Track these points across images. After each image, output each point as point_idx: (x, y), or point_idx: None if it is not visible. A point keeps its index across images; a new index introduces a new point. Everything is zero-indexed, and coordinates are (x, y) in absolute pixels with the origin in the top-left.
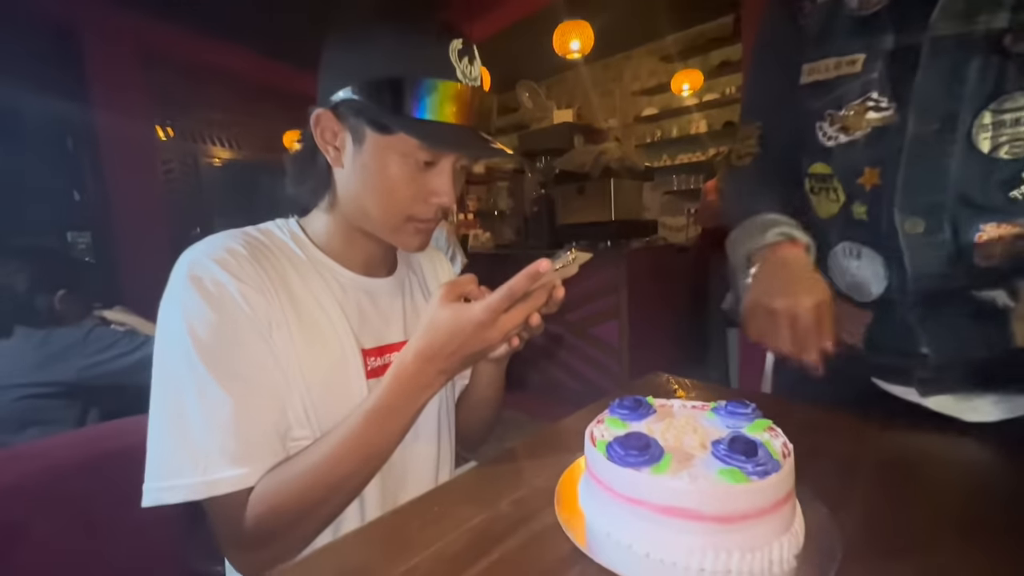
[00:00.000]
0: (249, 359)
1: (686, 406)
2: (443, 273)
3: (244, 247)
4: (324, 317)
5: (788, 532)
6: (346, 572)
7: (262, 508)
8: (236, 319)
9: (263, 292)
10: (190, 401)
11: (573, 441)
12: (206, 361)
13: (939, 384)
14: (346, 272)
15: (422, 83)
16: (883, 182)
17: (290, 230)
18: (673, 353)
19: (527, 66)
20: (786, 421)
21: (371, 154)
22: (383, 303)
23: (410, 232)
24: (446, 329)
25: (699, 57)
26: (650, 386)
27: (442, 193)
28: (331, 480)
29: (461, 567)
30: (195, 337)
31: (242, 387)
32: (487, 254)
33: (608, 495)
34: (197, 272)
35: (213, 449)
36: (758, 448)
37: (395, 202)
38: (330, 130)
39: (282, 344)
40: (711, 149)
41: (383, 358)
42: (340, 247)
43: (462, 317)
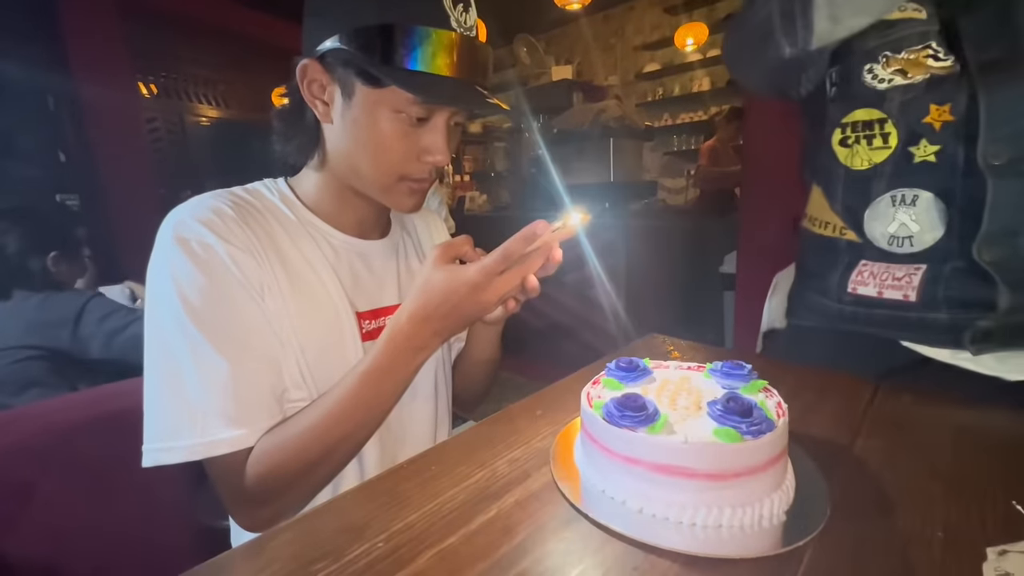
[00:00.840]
0: (241, 321)
1: (682, 367)
2: (438, 235)
3: (231, 208)
4: (316, 280)
5: (779, 489)
6: (346, 528)
7: (261, 467)
8: (226, 281)
9: (252, 254)
10: (184, 364)
11: (570, 402)
12: (198, 324)
13: (999, 337)
14: (338, 234)
15: (414, 32)
16: (955, 117)
17: (279, 190)
18: (670, 315)
19: (525, 19)
20: (781, 382)
21: (361, 108)
22: (377, 266)
23: (403, 192)
24: (440, 290)
25: (705, 9)
26: (646, 347)
27: (436, 151)
28: (329, 440)
29: (458, 524)
30: (185, 300)
31: (235, 349)
32: (484, 216)
33: (604, 455)
34: (183, 234)
35: (210, 410)
36: (753, 408)
37: (387, 160)
38: (317, 83)
39: (275, 306)
40: (713, 108)
41: (378, 321)
42: (331, 208)
43: (456, 278)
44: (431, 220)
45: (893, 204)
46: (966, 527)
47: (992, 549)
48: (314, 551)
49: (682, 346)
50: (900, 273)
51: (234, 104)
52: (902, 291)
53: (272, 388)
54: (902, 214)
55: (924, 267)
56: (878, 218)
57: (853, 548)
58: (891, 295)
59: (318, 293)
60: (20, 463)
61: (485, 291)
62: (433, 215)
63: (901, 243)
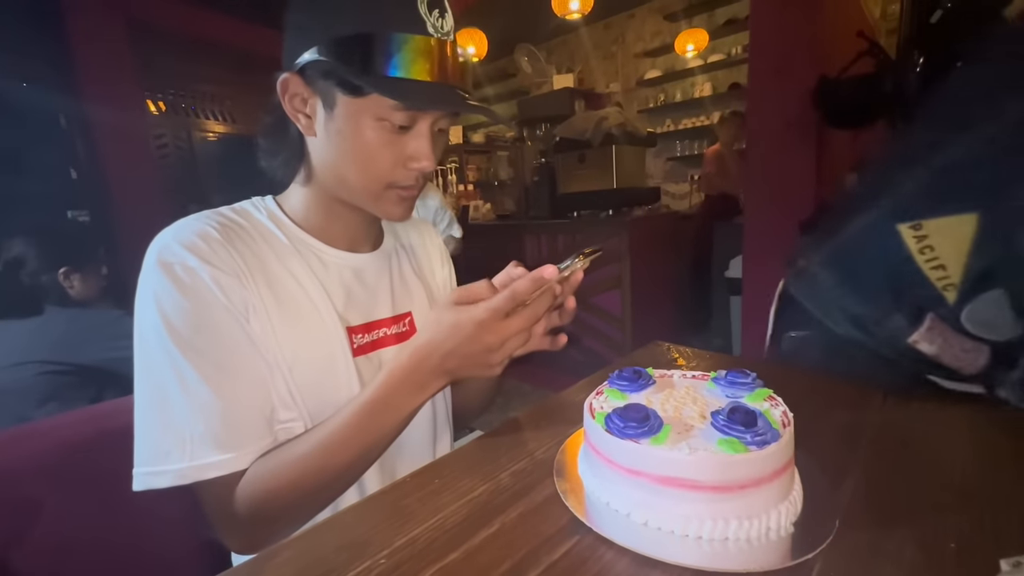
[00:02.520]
0: (225, 345)
1: (686, 376)
2: (432, 244)
3: (216, 230)
4: (304, 297)
5: (786, 500)
6: (347, 545)
7: (254, 492)
8: (210, 305)
9: (237, 276)
10: (171, 388)
11: (574, 412)
12: (182, 349)
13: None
14: (328, 249)
15: (391, 39)
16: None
17: (267, 208)
18: (676, 321)
19: (526, 29)
20: (787, 390)
21: (344, 119)
22: (369, 278)
23: (392, 200)
24: (446, 325)
25: (704, 15)
26: (651, 355)
27: (422, 157)
28: (324, 470)
29: (462, 538)
30: (169, 325)
31: (220, 373)
32: (488, 225)
33: (607, 466)
34: (167, 258)
35: (198, 435)
36: (757, 418)
37: (374, 169)
38: (299, 96)
39: (260, 328)
40: (715, 113)
41: (372, 334)
42: (320, 222)
43: (463, 315)
44: (425, 230)
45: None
46: (979, 538)
47: (1006, 561)
48: (315, 569)
49: (687, 353)
50: (968, 346)
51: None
52: (960, 364)
53: (260, 410)
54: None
55: (989, 349)
56: (987, 303)
57: (863, 560)
58: (948, 362)
59: (306, 310)
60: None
61: (490, 331)
62: (427, 224)
63: (983, 329)
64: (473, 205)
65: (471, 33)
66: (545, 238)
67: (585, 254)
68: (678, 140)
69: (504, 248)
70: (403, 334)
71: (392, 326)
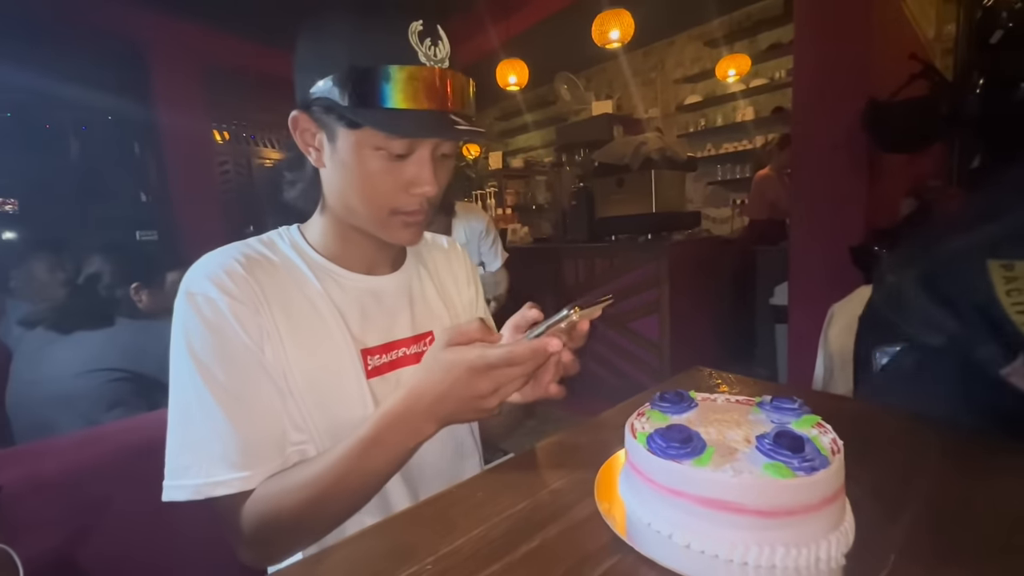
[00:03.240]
0: (240, 374)
1: (730, 400)
2: (458, 265)
3: (240, 262)
4: (319, 322)
5: (837, 530)
6: (395, 550)
7: (257, 513)
8: (227, 337)
9: (252, 305)
10: (193, 409)
11: (612, 435)
12: (202, 375)
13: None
14: (346, 273)
15: (381, 71)
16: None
17: (290, 238)
18: (717, 349)
19: (565, 57)
20: (838, 418)
21: (346, 150)
22: (388, 300)
23: (397, 226)
24: (439, 369)
25: (746, 40)
26: (692, 380)
27: (422, 183)
28: (324, 500)
29: (504, 551)
30: (192, 352)
31: (234, 400)
32: (525, 248)
33: (649, 486)
34: (192, 289)
35: (214, 454)
36: (805, 443)
37: (376, 196)
38: (308, 131)
39: (273, 355)
40: (758, 137)
41: (390, 355)
42: (338, 249)
43: (456, 358)
44: (453, 254)
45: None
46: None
47: None
48: (365, 571)
49: (730, 379)
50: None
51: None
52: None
53: (270, 435)
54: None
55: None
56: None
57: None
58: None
59: (320, 335)
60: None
61: (483, 378)
62: (455, 247)
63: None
64: (511, 228)
65: (512, 63)
66: (582, 262)
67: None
68: (719, 164)
69: (541, 270)
70: (423, 354)
71: (412, 346)
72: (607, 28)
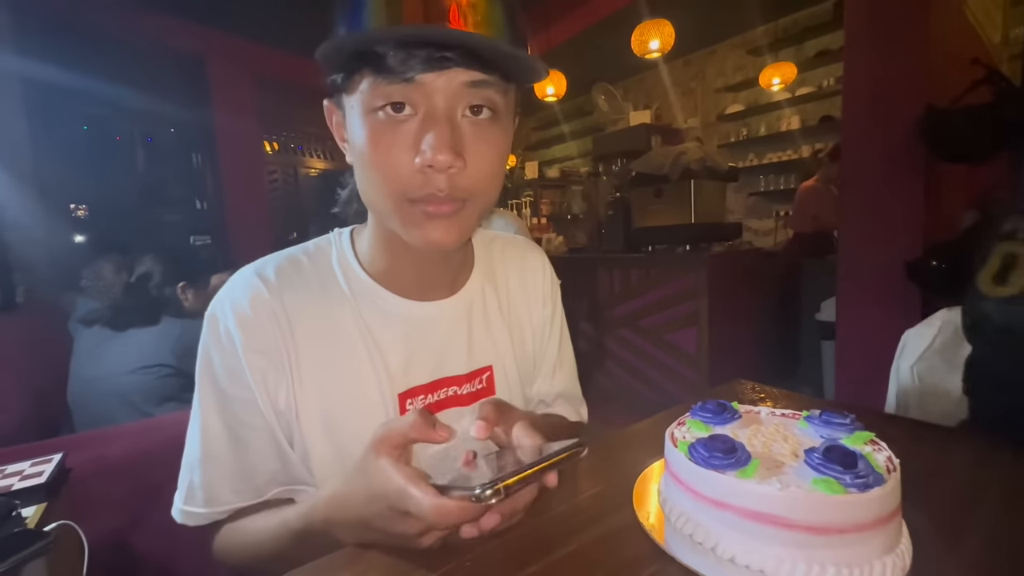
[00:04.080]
0: (236, 413)
1: (775, 413)
2: (535, 283)
3: (271, 285)
4: (349, 360)
5: (892, 553)
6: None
7: (221, 546)
8: (237, 376)
9: (272, 346)
10: (192, 428)
11: (649, 443)
12: (203, 397)
13: None
14: (393, 299)
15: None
16: None
17: (340, 247)
18: (758, 364)
19: (603, 68)
20: (894, 439)
21: (351, 127)
22: (440, 331)
23: (419, 219)
24: (363, 487)
25: (792, 48)
26: (733, 393)
27: (427, 146)
28: (272, 558)
29: (541, 552)
30: (206, 370)
31: (225, 433)
32: (560, 257)
33: (690, 496)
34: (216, 313)
35: (194, 482)
36: (858, 459)
37: (382, 175)
38: (337, 122)
39: (286, 400)
40: (804, 147)
41: (436, 395)
42: (385, 264)
43: (378, 487)
44: (530, 264)
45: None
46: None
47: None
48: (408, 562)
49: (774, 394)
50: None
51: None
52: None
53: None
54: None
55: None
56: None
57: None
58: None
59: (348, 374)
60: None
61: (407, 520)
62: (537, 259)
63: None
64: (546, 238)
65: (551, 75)
66: (618, 272)
67: (562, 453)
68: (762, 175)
69: (576, 280)
70: (479, 392)
71: (465, 384)
72: (647, 38)
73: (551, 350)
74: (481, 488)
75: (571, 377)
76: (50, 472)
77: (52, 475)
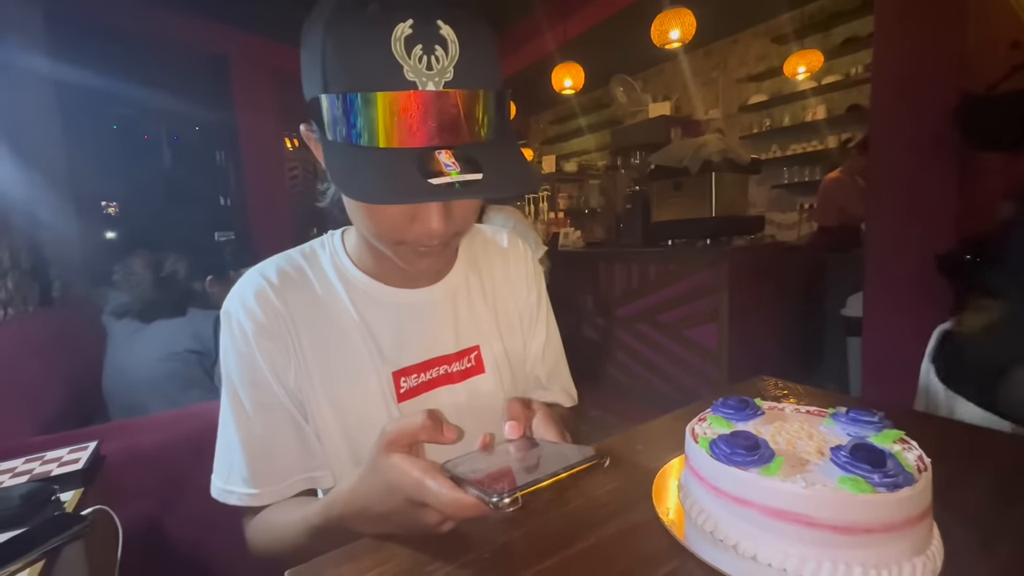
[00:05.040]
0: (258, 399)
1: (799, 410)
2: (517, 270)
3: (274, 284)
4: (347, 345)
5: (922, 555)
6: (456, 535)
7: (253, 537)
8: (252, 366)
9: (280, 336)
10: (223, 418)
11: (667, 440)
12: (231, 393)
13: None
14: (383, 288)
15: (354, 100)
16: None
17: (332, 248)
18: (780, 360)
19: (621, 59)
20: (925, 437)
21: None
22: (428, 314)
23: (411, 255)
24: (379, 484)
25: (819, 35)
26: (755, 389)
27: (427, 220)
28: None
29: (559, 546)
30: (228, 370)
31: (248, 421)
32: (577, 252)
33: (711, 493)
34: (229, 309)
35: (232, 464)
36: (887, 458)
37: (379, 227)
38: (316, 147)
39: (296, 382)
40: (829, 137)
41: (428, 373)
42: (373, 261)
43: (393, 481)
44: (513, 256)
45: None
46: None
47: None
48: (428, 553)
49: (798, 390)
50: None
51: None
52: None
53: (279, 464)
54: None
55: None
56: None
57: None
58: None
59: (347, 358)
60: (182, 453)
61: (424, 511)
62: (515, 250)
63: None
64: (563, 232)
65: (568, 67)
66: (636, 266)
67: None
68: (785, 167)
69: (593, 275)
70: (468, 371)
71: (455, 362)
72: (667, 28)
73: (539, 332)
74: (499, 496)
75: (559, 356)
76: (86, 459)
77: (88, 462)
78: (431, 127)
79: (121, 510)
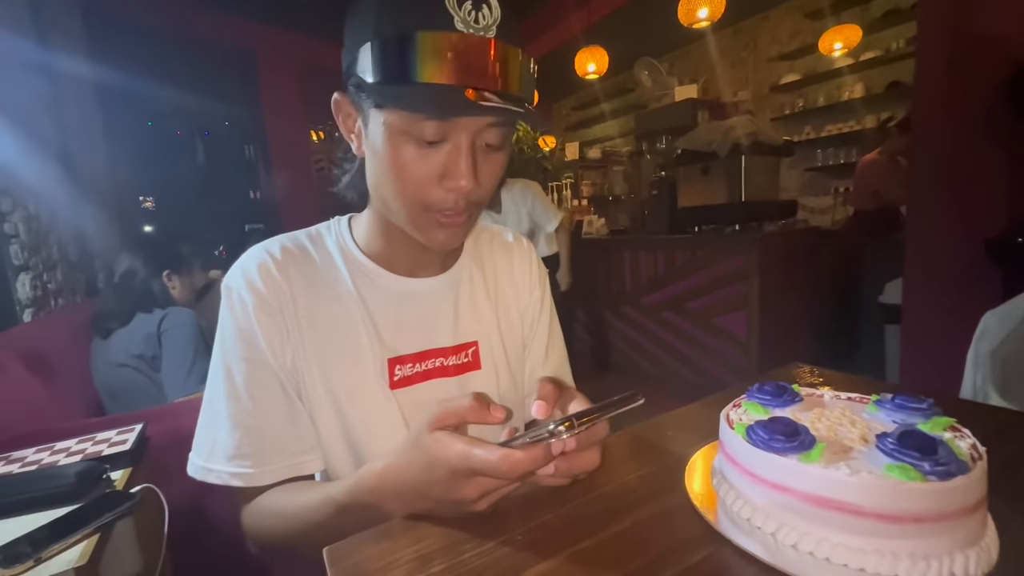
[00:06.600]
0: (252, 375)
1: (840, 397)
2: (522, 267)
3: (276, 259)
4: (345, 326)
5: (976, 546)
6: (490, 517)
7: (254, 524)
8: (250, 342)
9: (279, 312)
10: (211, 391)
11: (699, 426)
12: (225, 368)
13: None
14: (386, 274)
15: (407, 39)
16: None
17: (338, 231)
18: (813, 349)
19: (646, 42)
20: (978, 425)
21: (376, 134)
22: (429, 305)
23: (432, 224)
24: (420, 460)
25: (856, 9)
26: (789, 377)
27: (457, 175)
28: (306, 534)
29: (594, 528)
30: (223, 344)
31: (238, 398)
32: (601, 239)
33: (748, 479)
34: (229, 283)
35: (216, 441)
36: (938, 446)
37: (406, 187)
38: (348, 115)
39: (293, 360)
40: (867, 117)
41: (423, 364)
42: (380, 247)
43: (437, 455)
44: (518, 253)
45: None
46: None
47: None
48: (462, 533)
49: (836, 378)
50: None
51: None
52: None
53: (270, 442)
54: None
55: None
56: None
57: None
58: None
59: (344, 339)
60: None
61: (467, 483)
62: (523, 248)
63: None
64: (587, 220)
65: (592, 51)
66: (662, 253)
67: (620, 404)
68: (819, 149)
69: (618, 262)
70: (464, 366)
71: (451, 356)
72: (695, 7)
73: (541, 333)
74: (555, 423)
75: (562, 360)
76: (133, 440)
77: (135, 443)
78: (477, 68)
79: (166, 490)
